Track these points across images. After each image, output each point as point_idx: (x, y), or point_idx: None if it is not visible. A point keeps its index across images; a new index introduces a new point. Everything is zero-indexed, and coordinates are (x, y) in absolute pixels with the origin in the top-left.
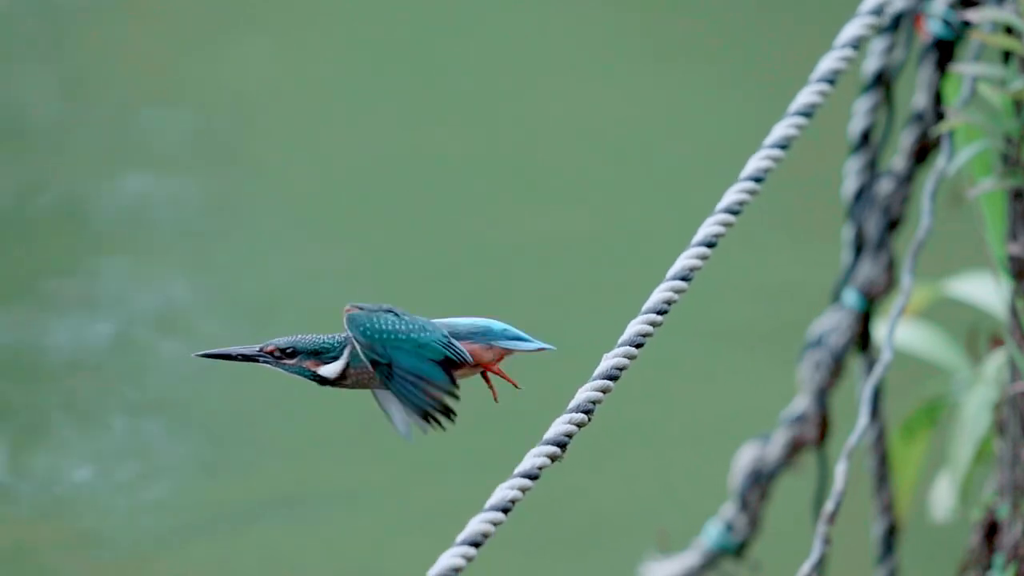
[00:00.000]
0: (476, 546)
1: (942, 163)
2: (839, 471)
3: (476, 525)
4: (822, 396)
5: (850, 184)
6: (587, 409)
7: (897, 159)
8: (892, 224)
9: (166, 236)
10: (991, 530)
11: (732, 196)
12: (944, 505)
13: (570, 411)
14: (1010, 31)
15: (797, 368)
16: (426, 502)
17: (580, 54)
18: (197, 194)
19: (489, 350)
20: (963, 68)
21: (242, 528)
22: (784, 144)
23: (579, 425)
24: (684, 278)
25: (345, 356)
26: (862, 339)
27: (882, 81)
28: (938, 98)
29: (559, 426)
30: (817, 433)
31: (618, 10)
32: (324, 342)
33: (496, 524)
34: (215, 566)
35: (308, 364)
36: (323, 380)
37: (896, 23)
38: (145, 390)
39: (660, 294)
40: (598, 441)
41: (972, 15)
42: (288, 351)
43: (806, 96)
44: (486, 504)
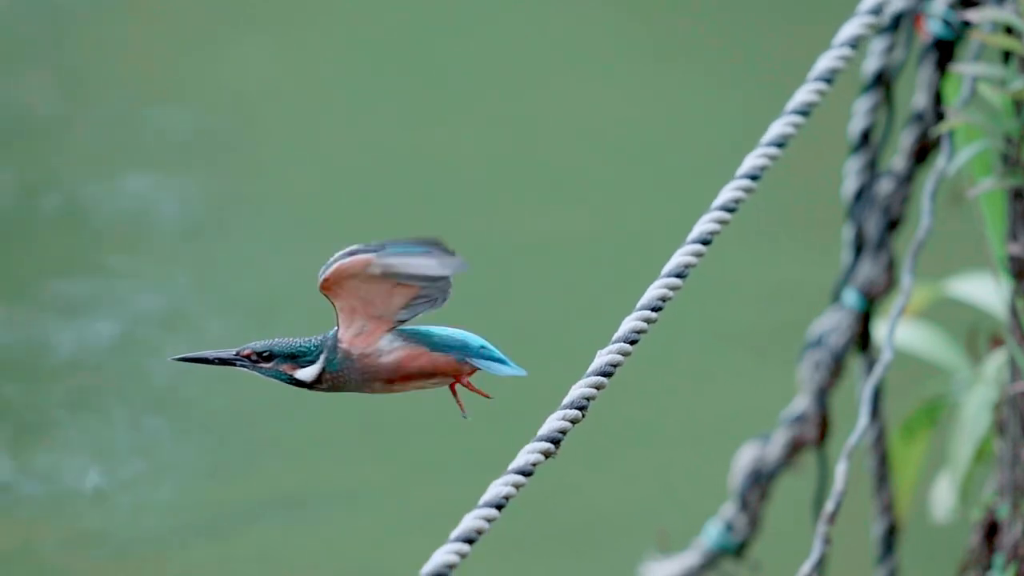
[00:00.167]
0: (470, 543)
1: (942, 163)
2: (839, 471)
3: (469, 522)
4: (822, 396)
5: (850, 184)
6: (581, 405)
7: (897, 159)
8: (892, 224)
9: (166, 236)
10: (991, 530)
11: (728, 194)
12: (944, 505)
13: (564, 407)
14: (1010, 31)
15: (797, 368)
16: (426, 502)
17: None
18: (197, 194)
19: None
20: (963, 68)
21: (242, 528)
22: (781, 142)
23: (573, 421)
24: (679, 275)
25: (321, 360)
26: (862, 339)
27: (882, 81)
28: (938, 98)
29: (553, 422)
30: (817, 433)
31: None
32: (300, 346)
33: (490, 520)
34: (215, 566)
35: (285, 368)
36: (300, 383)
37: (896, 23)
38: (146, 390)
39: (655, 291)
40: (599, 441)
41: (972, 15)
42: (265, 355)
43: (803, 95)
44: (479, 501)
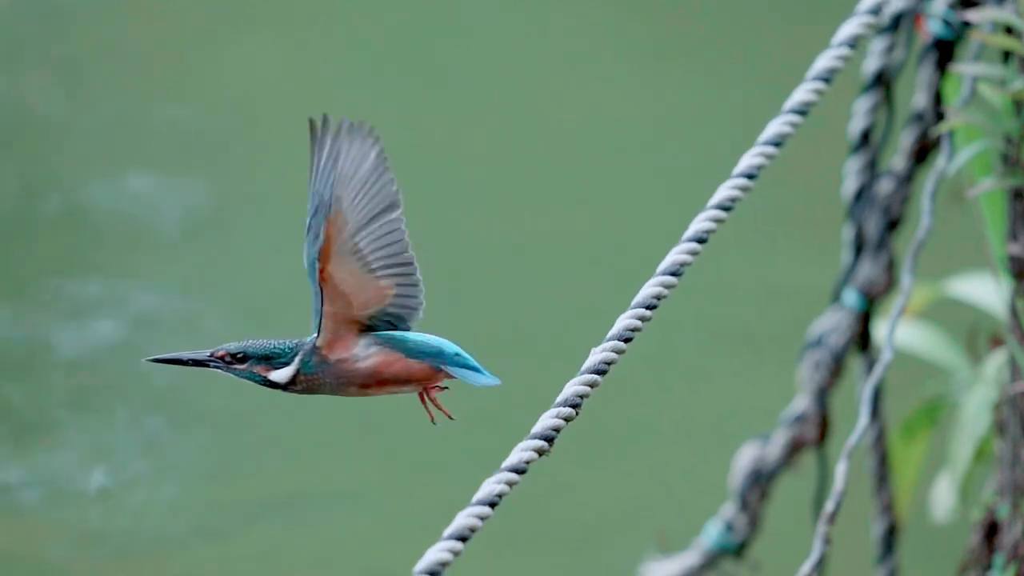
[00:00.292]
0: (463, 540)
1: (942, 163)
2: (839, 471)
3: (462, 519)
4: (822, 396)
5: (850, 184)
6: (574, 403)
7: (897, 159)
8: (892, 224)
9: (167, 236)
10: (991, 530)
11: (724, 192)
12: (944, 505)
13: (557, 405)
14: (1010, 31)
15: (797, 368)
16: (426, 502)
17: (580, 54)
18: (198, 194)
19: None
20: (963, 68)
21: (242, 528)
22: (778, 142)
23: (567, 419)
24: (674, 273)
25: (296, 362)
26: (862, 339)
27: (882, 81)
28: (938, 98)
29: (546, 420)
30: (817, 433)
31: (618, 10)
32: (275, 347)
33: (483, 518)
34: (215, 566)
35: (259, 369)
36: (274, 385)
37: (896, 23)
38: (147, 390)
39: (649, 289)
40: (598, 441)
41: (972, 15)
42: (239, 356)
43: (801, 94)
44: (472, 499)
